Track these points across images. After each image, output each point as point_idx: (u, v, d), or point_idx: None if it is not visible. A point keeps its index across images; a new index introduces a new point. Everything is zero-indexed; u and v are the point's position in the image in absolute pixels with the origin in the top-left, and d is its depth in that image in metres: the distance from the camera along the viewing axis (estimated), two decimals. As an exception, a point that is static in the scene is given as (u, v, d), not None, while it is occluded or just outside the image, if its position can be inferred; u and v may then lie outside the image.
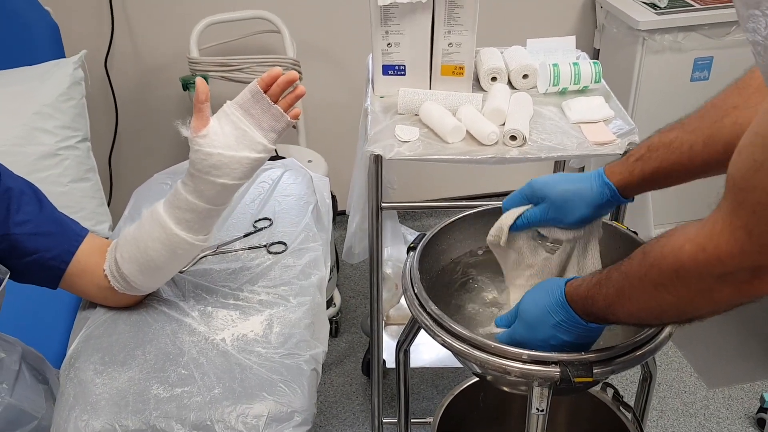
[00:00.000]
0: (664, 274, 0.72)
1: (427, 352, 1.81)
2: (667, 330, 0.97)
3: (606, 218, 1.19)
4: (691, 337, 2.14)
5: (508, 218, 1.04)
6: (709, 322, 0.77)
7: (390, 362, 1.77)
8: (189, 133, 1.01)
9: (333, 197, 2.01)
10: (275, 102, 1.02)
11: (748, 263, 0.64)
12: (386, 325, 1.90)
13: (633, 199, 0.98)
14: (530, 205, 1.03)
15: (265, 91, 1.01)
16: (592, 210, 0.98)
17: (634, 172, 0.94)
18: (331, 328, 2.15)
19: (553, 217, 1.00)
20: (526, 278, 1.08)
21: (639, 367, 1.28)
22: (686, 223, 0.72)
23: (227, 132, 1.01)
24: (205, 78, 1.86)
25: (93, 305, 1.12)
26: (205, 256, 1.20)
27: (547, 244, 1.06)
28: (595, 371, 0.90)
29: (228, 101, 1.02)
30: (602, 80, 1.57)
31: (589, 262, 1.05)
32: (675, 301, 0.73)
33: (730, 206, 0.64)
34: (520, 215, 1.03)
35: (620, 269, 0.80)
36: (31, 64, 1.70)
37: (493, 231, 1.06)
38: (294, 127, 2.06)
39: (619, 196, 0.96)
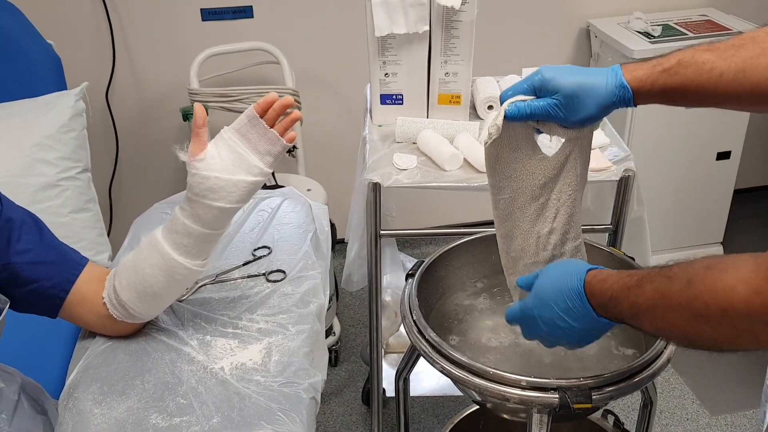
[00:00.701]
0: (709, 309, 0.69)
1: (428, 380, 1.80)
2: (665, 356, 0.97)
3: (603, 245, 1.19)
4: (693, 364, 2.13)
5: (508, 107, 0.95)
6: None
7: (390, 391, 1.76)
8: (186, 157, 1.03)
9: (332, 225, 2.02)
10: (271, 126, 1.03)
11: None
12: (386, 353, 1.90)
13: (636, 105, 0.93)
14: (533, 97, 0.95)
15: (262, 116, 1.03)
16: (599, 110, 0.92)
17: (657, 83, 0.89)
18: (330, 357, 2.15)
19: (558, 112, 0.93)
20: (515, 182, 1.01)
21: (639, 393, 1.28)
22: (737, 257, 0.69)
23: (224, 156, 1.02)
24: (206, 108, 1.88)
25: (92, 335, 1.12)
26: (204, 284, 1.20)
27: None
28: (594, 397, 0.90)
29: (225, 126, 1.04)
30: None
31: (581, 171, 1.01)
32: (714, 335, 0.71)
33: None
34: (523, 102, 0.94)
35: (656, 286, 0.76)
36: (33, 96, 1.72)
37: (490, 121, 0.97)
38: (293, 156, 2.09)
39: (632, 100, 0.91)
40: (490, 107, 1.59)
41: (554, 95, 0.92)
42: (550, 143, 1.05)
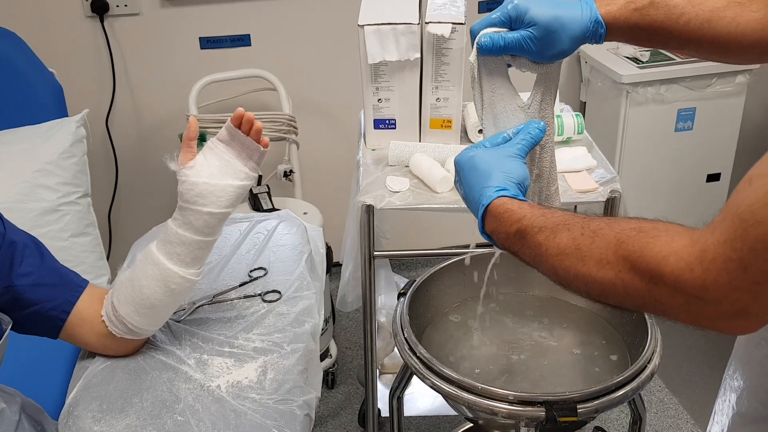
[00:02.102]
0: (634, 271, 0.67)
1: (422, 400, 1.82)
2: (648, 370, 1.00)
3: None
4: (687, 383, 2.15)
5: (480, 38, 0.91)
6: (708, 367, 0.75)
7: (386, 411, 1.78)
8: (176, 166, 1.08)
9: (328, 248, 2.05)
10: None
11: (732, 300, 0.61)
12: (381, 374, 1.92)
13: (602, 42, 0.92)
14: (506, 29, 0.91)
15: (237, 128, 1.10)
16: (572, 45, 0.90)
17: (630, 20, 0.89)
18: (327, 380, 2.16)
19: (531, 46, 0.90)
20: (498, 120, 0.98)
21: (629, 411, 1.30)
22: (669, 226, 0.67)
23: (212, 163, 1.09)
24: (204, 135, 1.92)
25: (92, 355, 1.15)
26: (202, 305, 1.23)
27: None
28: (579, 410, 0.93)
29: (212, 138, 1.11)
30: (584, 131, 1.63)
31: (552, 110, 0.99)
32: (625, 295, 0.68)
33: (727, 234, 0.60)
34: (497, 34, 0.90)
35: (574, 236, 0.73)
36: (35, 123, 1.76)
37: (471, 57, 0.94)
38: (290, 180, 2.13)
39: (603, 37, 0.90)
40: (481, 131, 1.62)
41: (529, 27, 0.89)
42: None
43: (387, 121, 1.60)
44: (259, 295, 1.25)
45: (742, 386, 0.92)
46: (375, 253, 1.48)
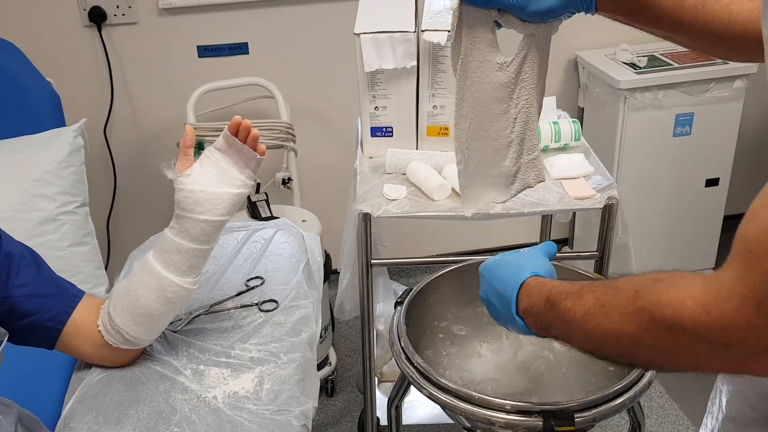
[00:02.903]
0: (654, 323, 0.65)
1: (421, 408, 1.81)
2: (646, 378, 1.00)
3: (589, 272, 1.22)
4: (688, 390, 2.14)
5: None
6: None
7: (384, 420, 1.77)
8: (173, 174, 1.09)
9: (327, 256, 2.05)
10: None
11: (755, 338, 0.58)
12: (380, 382, 1.91)
13: (594, 12, 0.91)
14: None
15: (234, 136, 1.10)
16: (562, 3, 0.89)
17: None
18: (327, 388, 2.16)
19: (520, 1, 0.89)
20: (474, 87, 0.96)
21: (628, 418, 1.29)
22: (685, 274, 0.66)
23: (208, 171, 1.09)
24: (201, 143, 1.92)
25: (88, 366, 1.15)
26: (199, 315, 1.23)
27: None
28: (577, 419, 0.92)
29: (209, 147, 1.11)
30: (582, 138, 1.63)
31: (538, 77, 0.98)
32: (652, 350, 0.67)
33: (740, 271, 0.59)
34: None
35: (597, 296, 0.73)
36: (33, 133, 1.76)
37: (452, 3, 0.93)
38: (288, 188, 2.13)
39: (593, 1, 0.89)
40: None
41: None
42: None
43: (384, 129, 1.60)
44: (256, 304, 1.25)
45: (731, 389, 0.92)
46: (372, 261, 1.48)
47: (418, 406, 1.80)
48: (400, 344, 1.09)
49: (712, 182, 2.41)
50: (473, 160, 1.01)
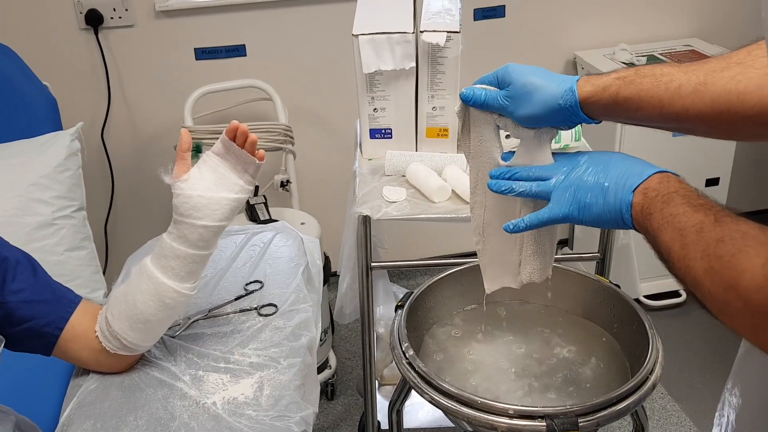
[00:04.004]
0: (718, 274, 0.65)
1: (423, 411, 1.80)
2: (650, 382, 0.99)
3: (591, 273, 1.21)
4: (689, 390, 2.13)
5: (464, 89, 0.96)
6: (710, 373, 0.72)
7: (385, 424, 1.76)
8: (171, 179, 1.08)
9: (326, 258, 2.04)
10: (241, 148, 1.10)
11: None
12: (381, 385, 1.90)
13: (598, 121, 0.90)
14: (496, 88, 0.94)
15: (232, 140, 1.09)
16: (545, 111, 0.89)
17: (609, 90, 0.86)
18: (327, 391, 2.15)
19: (506, 105, 0.92)
20: (485, 177, 0.99)
21: (631, 420, 1.28)
22: (761, 237, 0.65)
23: (207, 176, 1.08)
24: (199, 146, 1.91)
25: (86, 372, 1.14)
26: (197, 320, 1.22)
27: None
28: (580, 424, 0.91)
29: (207, 151, 1.10)
30: (582, 138, 1.62)
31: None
32: (708, 295, 0.67)
33: None
34: (479, 88, 0.95)
35: (701, 219, 0.71)
36: (29, 137, 1.75)
37: (456, 108, 0.98)
38: (287, 190, 2.12)
39: (578, 108, 0.88)
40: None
41: (507, 87, 0.92)
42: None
43: (383, 131, 1.59)
44: (255, 308, 1.24)
45: (741, 404, 0.90)
46: (372, 264, 1.47)
47: (419, 410, 1.79)
48: (401, 349, 1.08)
49: (712, 182, 2.40)
50: (489, 243, 1.05)
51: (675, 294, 2.48)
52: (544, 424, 0.92)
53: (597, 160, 0.88)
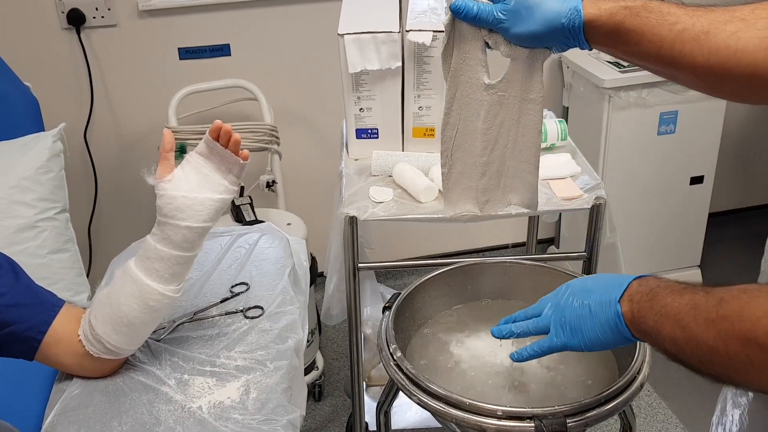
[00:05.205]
0: (732, 333, 0.64)
1: (411, 412, 1.79)
2: (638, 381, 0.99)
3: (578, 272, 1.21)
4: (676, 388, 2.14)
5: (455, 1, 0.91)
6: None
7: (373, 425, 1.76)
8: (154, 180, 1.06)
9: (313, 259, 2.03)
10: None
11: None
12: (368, 386, 1.90)
13: (587, 46, 0.86)
14: (489, 2, 0.90)
15: (216, 140, 1.08)
16: (545, 29, 0.86)
17: (615, 17, 0.83)
18: (314, 392, 2.14)
19: (502, 20, 0.88)
20: (461, 101, 0.98)
21: (618, 419, 1.29)
22: None
23: (190, 177, 1.07)
24: (184, 146, 1.90)
25: (69, 377, 1.12)
26: (182, 323, 1.20)
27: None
28: (569, 424, 0.91)
29: (190, 152, 1.09)
30: (568, 138, 1.62)
31: (522, 105, 0.97)
32: (728, 363, 0.66)
33: None
34: (472, 2, 0.90)
35: (693, 297, 0.71)
36: (10, 138, 1.73)
37: (444, 20, 0.94)
38: (273, 191, 2.10)
39: (581, 29, 0.84)
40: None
41: (504, 0, 0.88)
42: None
43: (369, 131, 1.59)
44: (241, 311, 1.22)
45: (750, 399, 0.88)
46: (359, 264, 1.46)
47: (407, 410, 1.79)
48: (389, 350, 1.07)
49: (696, 180, 2.42)
50: (456, 167, 1.05)
51: (661, 292, 2.50)
52: (533, 425, 0.91)
53: (576, 286, 0.88)
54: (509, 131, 1.01)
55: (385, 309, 1.16)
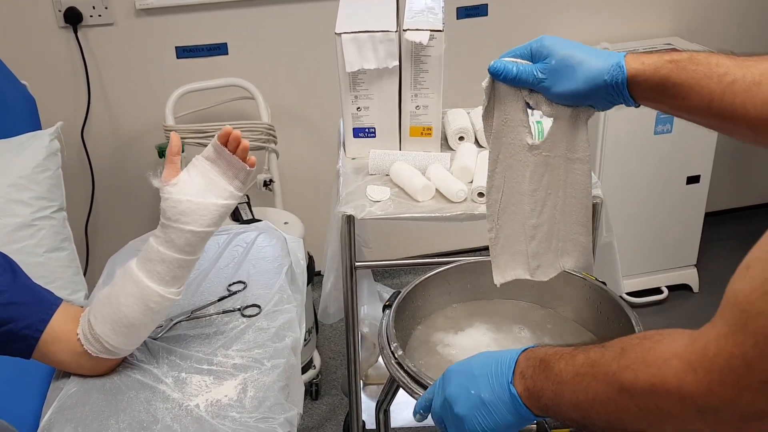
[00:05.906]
0: (637, 382, 0.61)
1: (409, 410, 1.79)
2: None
3: (576, 271, 1.21)
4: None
5: (494, 62, 0.90)
6: None
7: (370, 423, 1.76)
8: (159, 183, 1.06)
9: (310, 258, 2.03)
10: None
11: (747, 401, 0.54)
12: (365, 385, 1.90)
13: (634, 103, 0.83)
14: (529, 62, 0.88)
15: (224, 146, 1.08)
16: (588, 87, 0.83)
17: (660, 71, 0.80)
18: (311, 391, 2.14)
19: (543, 80, 0.86)
20: (506, 160, 0.95)
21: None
22: (674, 330, 0.62)
23: (196, 181, 1.07)
24: (182, 144, 1.89)
25: (66, 375, 1.12)
26: (179, 321, 1.20)
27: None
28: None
29: (197, 155, 1.09)
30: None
31: (567, 165, 0.93)
32: (638, 415, 0.62)
33: (728, 328, 0.55)
34: (511, 61, 0.88)
35: (588, 355, 0.68)
36: (7, 137, 1.73)
37: (484, 83, 0.93)
38: (270, 189, 2.11)
39: (624, 85, 0.81)
40: (461, 138, 1.62)
41: (545, 60, 0.86)
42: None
43: (366, 130, 1.59)
44: (239, 309, 1.23)
45: None
46: (356, 263, 1.46)
47: (405, 408, 1.79)
48: (390, 349, 1.07)
49: (693, 179, 2.42)
50: (503, 231, 1.00)
51: (657, 291, 2.51)
52: (535, 422, 0.91)
53: (457, 371, 0.81)
54: (557, 192, 0.96)
55: (385, 308, 1.17)
